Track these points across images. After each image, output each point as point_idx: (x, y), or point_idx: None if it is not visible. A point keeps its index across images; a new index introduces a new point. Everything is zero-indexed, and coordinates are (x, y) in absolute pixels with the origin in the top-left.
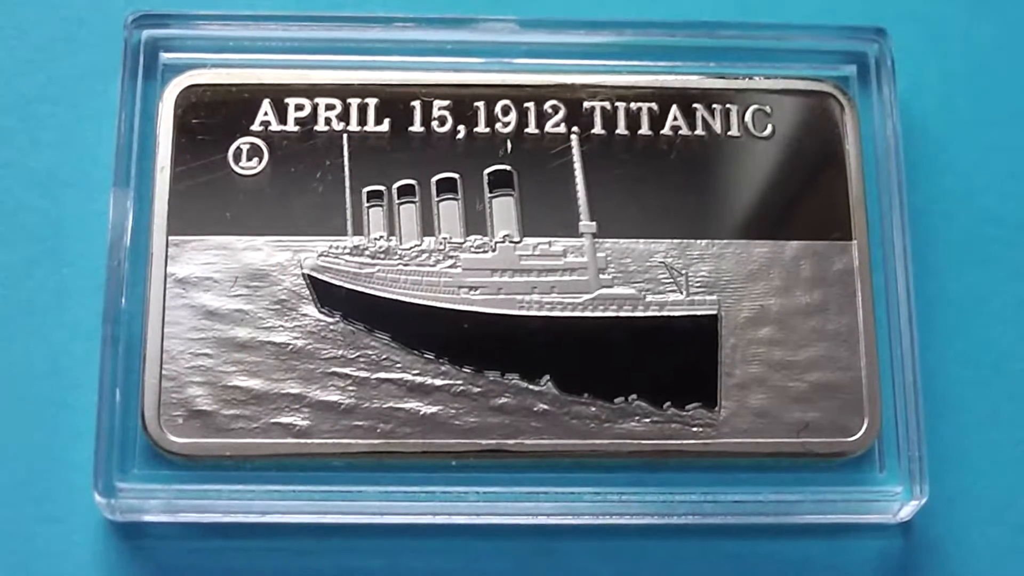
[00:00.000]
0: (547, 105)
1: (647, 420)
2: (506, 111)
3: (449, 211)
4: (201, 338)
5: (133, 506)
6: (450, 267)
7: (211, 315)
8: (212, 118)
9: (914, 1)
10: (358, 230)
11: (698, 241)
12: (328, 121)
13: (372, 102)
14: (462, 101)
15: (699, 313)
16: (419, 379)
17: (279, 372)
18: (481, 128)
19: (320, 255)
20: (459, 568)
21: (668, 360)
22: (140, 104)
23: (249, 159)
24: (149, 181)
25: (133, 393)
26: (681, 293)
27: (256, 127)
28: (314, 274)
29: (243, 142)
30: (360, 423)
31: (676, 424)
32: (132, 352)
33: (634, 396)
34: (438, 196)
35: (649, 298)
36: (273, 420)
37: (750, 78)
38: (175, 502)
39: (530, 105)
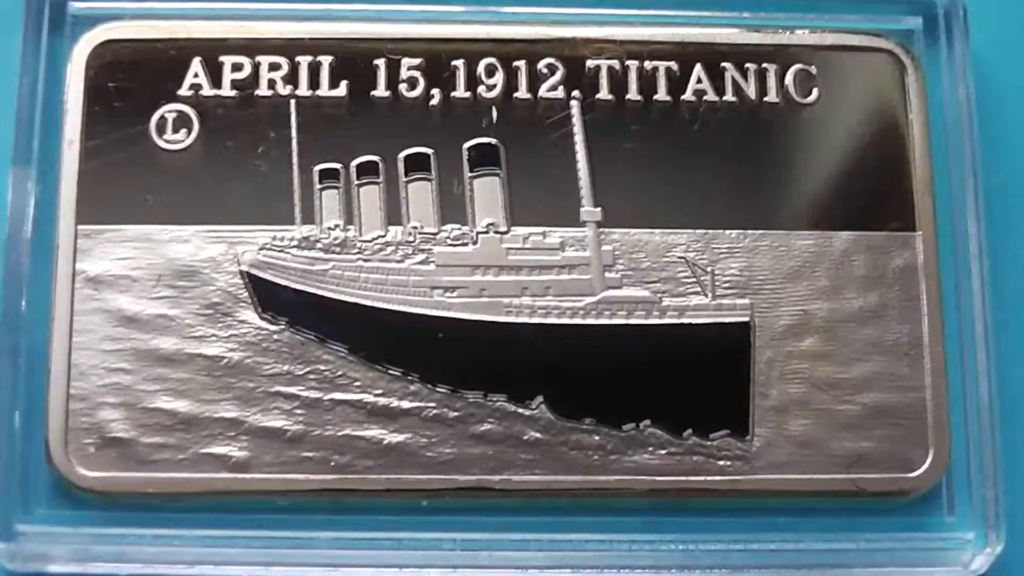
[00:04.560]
0: (542, 64)
1: (663, 452)
2: (491, 72)
3: (420, 194)
4: (117, 349)
5: (37, 553)
6: (421, 263)
7: (129, 321)
8: (131, 81)
9: None
10: (308, 218)
11: (727, 232)
12: (272, 84)
13: (326, 60)
14: (437, 59)
15: (728, 320)
16: (383, 401)
17: (211, 392)
18: (460, 92)
19: (262, 248)
20: None
21: (689, 378)
22: (44, 64)
23: (176, 131)
24: (55, 158)
25: (36, 416)
26: (706, 296)
27: (184, 92)
28: (254, 271)
29: (168, 110)
30: (310, 454)
31: (699, 456)
32: (34, 367)
33: (647, 422)
34: (407, 176)
35: (666, 302)
36: (204, 450)
37: (792, 32)
38: (87, 548)
39: (520, 64)
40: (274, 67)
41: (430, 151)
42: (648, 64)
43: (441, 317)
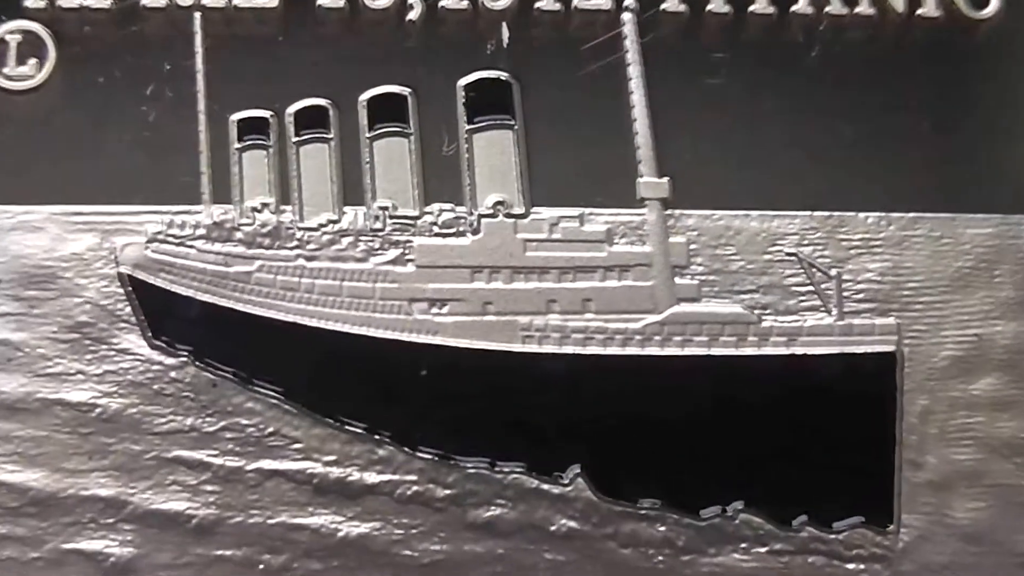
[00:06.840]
0: None
1: (763, 550)
2: None
3: (392, 157)
4: None
5: None
6: (394, 263)
7: None
8: None
9: None
10: (222, 194)
11: (859, 215)
12: None
13: None
14: None
15: (862, 350)
16: (336, 472)
17: (78, 457)
18: (452, 3)
19: (152, 240)
20: None
21: (803, 438)
22: None
23: (21, 61)
24: None
25: None
26: (829, 312)
27: (33, 2)
28: (141, 275)
29: (10, 30)
30: (227, 552)
31: (818, 556)
32: None
33: (739, 505)
34: (372, 129)
35: (768, 322)
36: (68, 545)
37: None
38: None
39: None
40: None
41: (406, 91)
42: None
43: (425, 345)
